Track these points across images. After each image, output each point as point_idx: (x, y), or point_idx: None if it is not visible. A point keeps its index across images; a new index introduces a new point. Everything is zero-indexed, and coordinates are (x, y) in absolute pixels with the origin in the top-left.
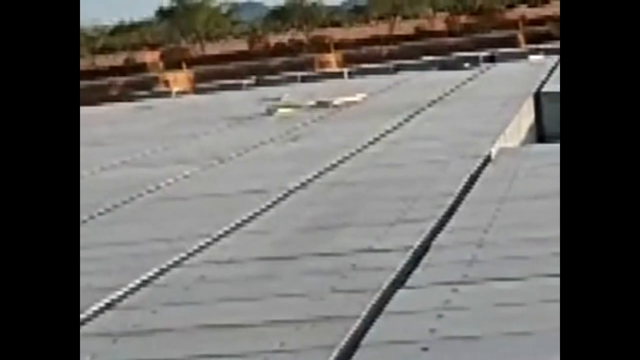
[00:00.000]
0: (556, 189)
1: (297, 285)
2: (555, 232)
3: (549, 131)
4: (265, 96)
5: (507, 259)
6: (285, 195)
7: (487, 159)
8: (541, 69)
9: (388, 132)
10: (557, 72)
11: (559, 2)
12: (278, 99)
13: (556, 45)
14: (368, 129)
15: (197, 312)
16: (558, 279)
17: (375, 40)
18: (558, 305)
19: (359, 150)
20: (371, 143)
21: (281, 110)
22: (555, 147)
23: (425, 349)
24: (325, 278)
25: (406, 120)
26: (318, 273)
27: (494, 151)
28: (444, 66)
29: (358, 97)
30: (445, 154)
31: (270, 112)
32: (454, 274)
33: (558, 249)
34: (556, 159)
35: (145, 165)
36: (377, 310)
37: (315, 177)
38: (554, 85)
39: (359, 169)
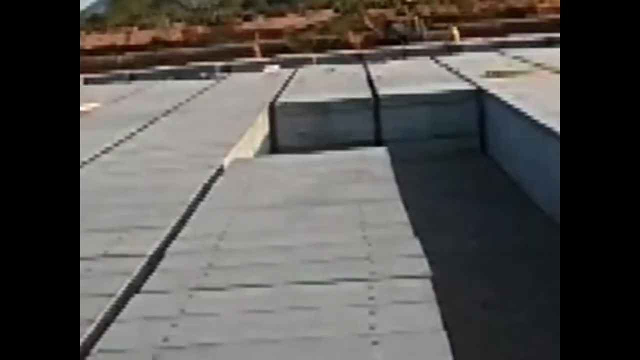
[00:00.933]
0: (289, 198)
1: None
2: (288, 240)
3: (282, 142)
4: None
5: (242, 266)
6: None
7: (221, 169)
8: (276, 81)
9: (121, 141)
10: (292, 84)
11: (296, 16)
12: None
13: (291, 56)
14: (100, 139)
15: None
16: (294, 286)
17: (111, 48)
18: (293, 312)
19: (91, 159)
20: (104, 152)
21: None
22: (288, 157)
23: (155, 359)
24: None
25: (140, 130)
26: None
27: (227, 161)
28: (179, 76)
29: (90, 107)
30: (179, 164)
31: None
32: (190, 280)
33: (292, 257)
34: (288, 169)
35: None
36: (111, 315)
37: None
38: (288, 97)
39: (90, 178)
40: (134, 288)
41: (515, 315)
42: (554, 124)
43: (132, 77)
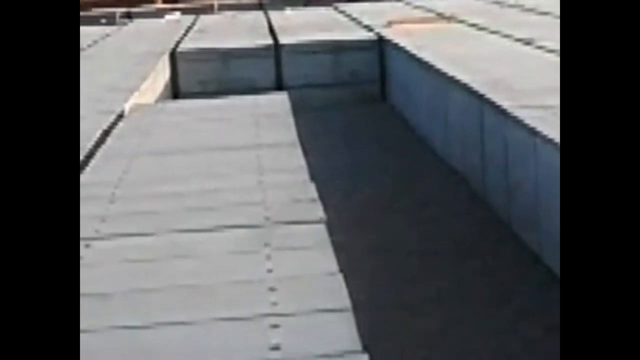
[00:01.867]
0: (187, 145)
1: None
2: (186, 186)
3: (183, 89)
4: None
5: (139, 214)
6: None
7: (121, 115)
8: (177, 28)
9: None
10: (193, 32)
11: None
12: None
13: (192, 5)
14: None
15: None
16: (190, 234)
17: None
18: (189, 260)
19: None
20: None
21: None
22: (189, 103)
23: None
24: None
25: None
26: None
27: (127, 107)
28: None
29: None
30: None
31: None
32: (86, 230)
33: (189, 204)
34: (189, 114)
35: None
36: None
37: None
38: (189, 44)
39: None
40: None
41: (407, 259)
42: (453, 71)
43: None
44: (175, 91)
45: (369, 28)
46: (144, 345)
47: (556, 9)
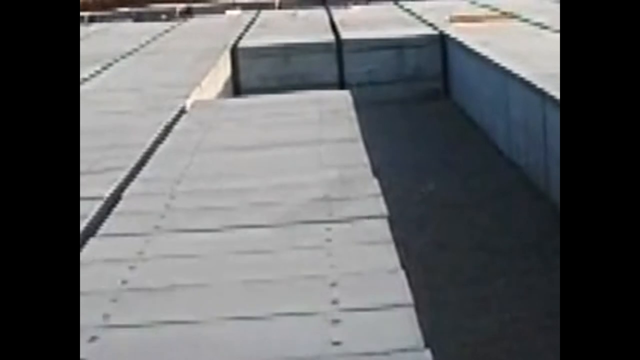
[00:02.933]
0: (249, 141)
1: None
2: (248, 182)
3: (245, 85)
4: None
5: (200, 209)
6: None
7: (182, 111)
8: (238, 24)
9: (81, 83)
10: (254, 28)
11: None
12: None
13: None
14: None
15: None
16: (252, 230)
17: None
18: (251, 255)
19: None
20: None
21: None
22: (250, 99)
23: (114, 301)
24: None
25: (99, 72)
26: None
27: (188, 103)
28: (139, 18)
29: None
30: (139, 106)
31: None
32: (147, 224)
33: (253, 200)
34: (250, 110)
35: None
36: None
37: None
38: (250, 41)
39: None
40: (91, 231)
41: (472, 255)
42: (515, 67)
43: (91, 20)
44: (236, 87)
45: (431, 25)
46: (206, 340)
47: None
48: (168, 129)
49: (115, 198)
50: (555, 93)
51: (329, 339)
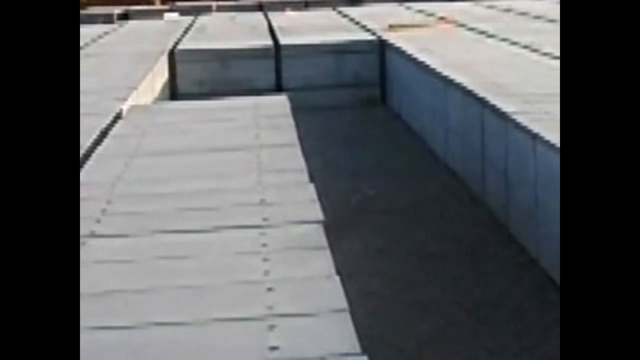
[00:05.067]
0: (185, 146)
1: None
2: (184, 187)
3: (182, 89)
4: None
5: (135, 214)
6: None
7: (118, 116)
8: (176, 28)
9: None
10: (192, 32)
11: None
12: None
13: (192, 3)
14: None
15: None
16: (188, 235)
17: None
18: (186, 260)
19: None
20: None
21: None
22: (187, 104)
23: None
24: None
25: None
26: None
27: (125, 108)
28: None
29: None
30: None
31: None
32: (82, 228)
33: (187, 204)
34: (187, 115)
35: None
36: None
37: None
38: (187, 45)
39: None
40: None
41: (404, 262)
42: (454, 75)
43: None
44: (173, 92)
45: (370, 31)
46: (139, 346)
47: (549, 12)
48: (104, 134)
49: None
50: (495, 101)
51: (265, 345)
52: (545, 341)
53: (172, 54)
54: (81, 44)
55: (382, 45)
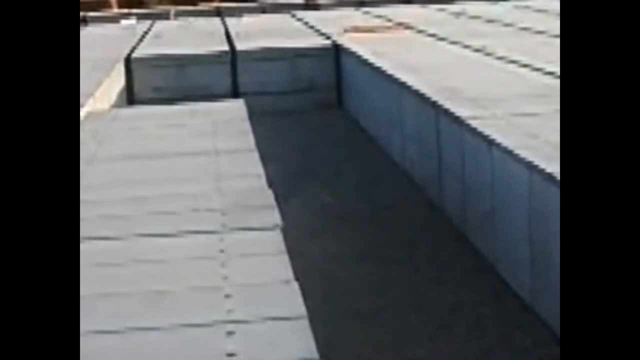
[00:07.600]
0: (143, 152)
1: None
2: (142, 192)
3: (138, 96)
4: None
5: (94, 219)
6: None
7: None
8: (132, 34)
9: None
10: (149, 38)
11: None
12: None
13: (149, 10)
14: None
15: None
16: (146, 239)
17: None
18: (145, 265)
19: None
20: None
21: None
22: (144, 109)
23: None
24: None
25: None
26: None
27: (82, 114)
28: None
29: None
30: None
31: None
32: None
33: (145, 209)
34: (145, 121)
35: None
36: None
37: None
38: (144, 51)
39: None
40: None
41: (362, 266)
42: (409, 79)
43: None
44: (130, 98)
45: (325, 35)
46: (97, 351)
47: (503, 16)
48: None
49: None
50: (449, 106)
51: (223, 351)
52: (500, 344)
53: (128, 60)
54: None
55: (337, 50)
